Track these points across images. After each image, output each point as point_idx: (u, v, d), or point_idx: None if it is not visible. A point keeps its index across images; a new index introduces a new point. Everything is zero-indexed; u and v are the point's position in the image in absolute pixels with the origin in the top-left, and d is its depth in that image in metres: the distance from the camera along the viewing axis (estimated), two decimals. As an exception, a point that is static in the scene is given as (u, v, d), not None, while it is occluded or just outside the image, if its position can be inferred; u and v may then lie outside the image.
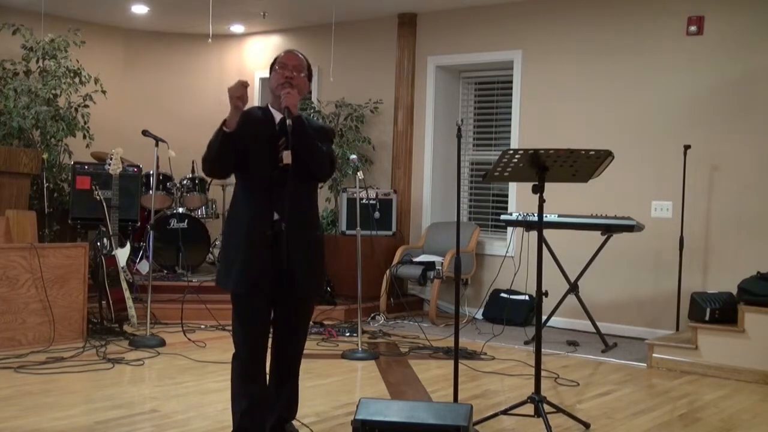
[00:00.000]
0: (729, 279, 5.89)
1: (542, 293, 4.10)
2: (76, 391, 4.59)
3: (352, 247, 6.53)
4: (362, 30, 8.41)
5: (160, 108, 9.25)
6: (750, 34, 6.24)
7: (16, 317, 5.49)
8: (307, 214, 3.44)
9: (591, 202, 6.48)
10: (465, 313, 7.27)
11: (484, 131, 8.01)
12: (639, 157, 6.64)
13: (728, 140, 6.31)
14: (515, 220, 6.33)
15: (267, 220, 3.32)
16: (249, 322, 3.38)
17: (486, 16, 7.58)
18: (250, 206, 3.36)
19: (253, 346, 3.38)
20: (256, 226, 3.32)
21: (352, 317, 6.74)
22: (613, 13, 6.87)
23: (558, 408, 4.09)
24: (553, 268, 6.07)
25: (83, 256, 5.86)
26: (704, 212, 6.39)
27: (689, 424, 4.29)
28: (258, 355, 3.40)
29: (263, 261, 3.30)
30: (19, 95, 7.34)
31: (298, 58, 3.48)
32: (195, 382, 4.86)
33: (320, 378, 5.03)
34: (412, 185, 8.10)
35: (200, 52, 9.35)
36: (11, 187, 6.45)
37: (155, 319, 6.31)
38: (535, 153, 3.88)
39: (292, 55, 3.50)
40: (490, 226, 7.89)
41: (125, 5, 8.19)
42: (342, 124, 8.20)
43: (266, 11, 8.23)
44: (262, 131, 3.38)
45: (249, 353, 3.39)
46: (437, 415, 3.27)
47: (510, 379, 5.19)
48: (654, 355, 5.64)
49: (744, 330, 5.36)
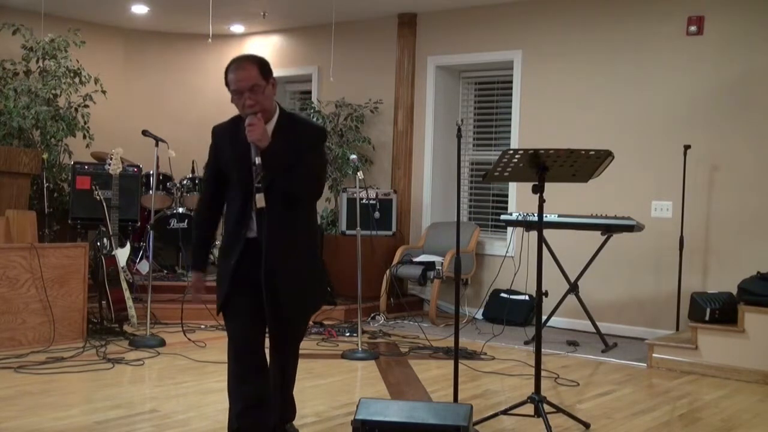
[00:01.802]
0: (729, 279, 5.89)
1: (542, 293, 4.10)
2: (76, 391, 4.60)
3: (352, 247, 6.53)
4: (362, 30, 8.41)
5: (160, 108, 9.25)
6: (750, 34, 6.24)
7: (16, 317, 5.49)
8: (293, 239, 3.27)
9: (591, 202, 6.48)
10: (465, 313, 7.27)
11: (484, 131, 8.01)
12: (639, 157, 6.64)
13: (728, 140, 6.31)
14: (515, 220, 6.33)
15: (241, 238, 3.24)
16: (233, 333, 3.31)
17: (486, 16, 7.58)
18: (230, 220, 3.32)
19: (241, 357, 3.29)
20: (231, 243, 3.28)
21: (352, 317, 6.74)
22: (613, 13, 6.87)
23: (558, 408, 4.09)
24: (553, 268, 6.07)
25: (83, 256, 5.86)
26: (704, 212, 6.39)
27: (689, 424, 4.29)
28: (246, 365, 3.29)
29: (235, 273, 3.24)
30: (19, 95, 7.34)
31: (248, 75, 3.15)
32: (195, 382, 4.86)
33: (320, 378, 5.03)
34: (412, 185, 8.10)
35: (200, 52, 9.34)
36: (11, 187, 6.44)
37: (155, 319, 6.31)
38: (535, 153, 3.88)
39: (240, 73, 3.16)
40: (490, 226, 7.89)
41: (125, 5, 8.19)
42: (342, 124, 8.20)
43: (266, 11, 8.23)
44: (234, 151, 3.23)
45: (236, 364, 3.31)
46: (437, 415, 3.27)
47: (510, 379, 5.19)
48: (654, 355, 5.64)
49: (744, 330, 5.36)
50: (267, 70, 3.22)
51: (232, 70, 3.20)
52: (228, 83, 3.20)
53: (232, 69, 3.20)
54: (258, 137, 3.12)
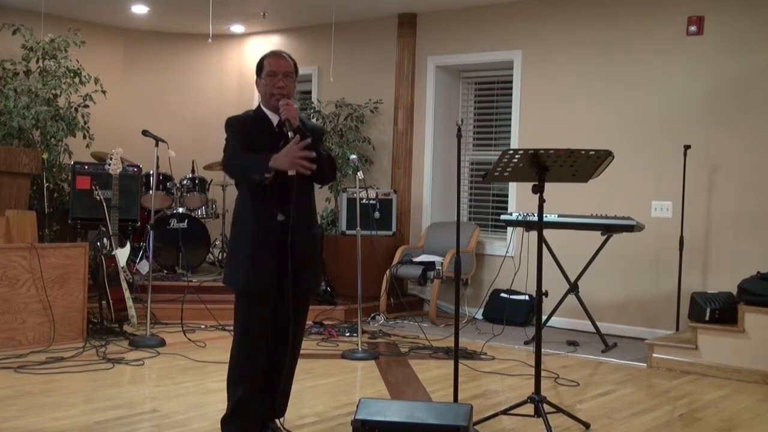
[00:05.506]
0: (729, 279, 5.89)
1: (542, 293, 4.10)
2: (76, 391, 4.59)
3: (352, 247, 6.53)
4: (362, 30, 8.41)
5: (160, 108, 9.25)
6: (750, 34, 6.24)
7: (16, 317, 5.49)
8: (309, 215, 3.56)
9: (591, 202, 6.48)
10: (465, 313, 7.27)
11: (484, 131, 8.01)
12: (639, 157, 6.64)
13: (728, 140, 6.31)
14: (515, 220, 6.33)
15: (272, 221, 3.42)
16: (252, 321, 3.46)
17: (486, 16, 7.58)
18: (255, 208, 3.44)
19: (252, 344, 3.47)
20: (262, 228, 3.42)
21: (352, 317, 6.74)
22: (614, 13, 6.87)
23: (558, 408, 4.09)
24: (553, 268, 6.07)
25: (83, 256, 5.86)
26: (704, 212, 6.39)
27: (689, 424, 4.29)
28: (255, 352, 3.48)
29: (269, 261, 3.41)
30: (19, 95, 7.34)
31: (286, 63, 3.49)
32: (195, 382, 4.86)
33: (320, 378, 5.03)
34: (412, 185, 8.10)
35: (200, 52, 9.35)
36: (11, 187, 6.45)
37: (155, 319, 6.31)
38: (535, 153, 3.88)
39: (280, 60, 3.49)
40: (490, 226, 7.89)
41: (125, 5, 8.19)
42: (342, 124, 8.20)
43: (266, 11, 8.23)
44: (262, 136, 3.45)
45: (247, 350, 3.47)
46: (437, 415, 3.27)
47: (510, 379, 5.19)
48: (654, 355, 5.65)
49: (744, 330, 5.36)
50: (297, 71, 3.56)
51: (271, 56, 3.51)
52: (263, 66, 3.48)
53: (272, 55, 3.51)
54: (294, 115, 3.37)
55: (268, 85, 3.45)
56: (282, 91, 3.42)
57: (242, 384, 3.46)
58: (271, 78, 3.44)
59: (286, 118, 3.35)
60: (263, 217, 3.42)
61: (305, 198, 3.50)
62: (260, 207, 3.43)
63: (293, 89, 3.50)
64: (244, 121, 3.52)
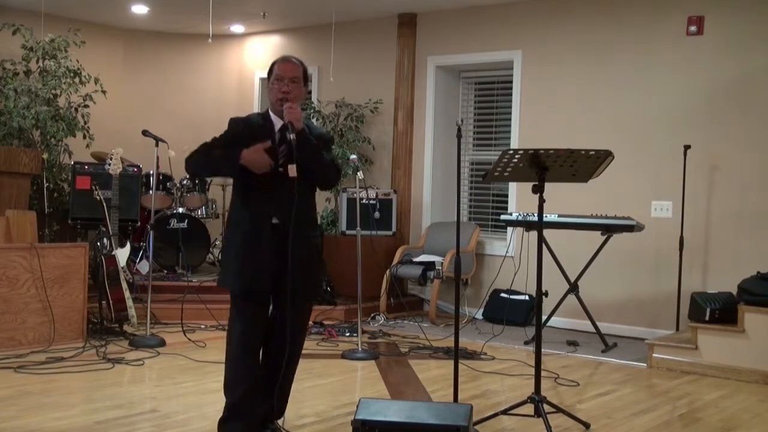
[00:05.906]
0: (729, 279, 5.89)
1: (542, 293, 4.10)
2: (76, 391, 4.60)
3: (352, 247, 6.53)
4: (362, 30, 8.41)
5: (160, 108, 9.25)
6: (750, 35, 6.24)
7: (16, 317, 5.49)
8: (307, 217, 3.55)
9: (591, 202, 6.48)
10: (465, 313, 7.27)
11: (484, 131, 8.01)
12: (639, 157, 6.64)
13: (728, 140, 6.31)
14: (515, 220, 6.33)
15: (266, 223, 3.42)
16: (244, 322, 3.47)
17: (486, 16, 7.58)
18: (249, 210, 3.46)
19: (246, 346, 3.48)
20: (255, 230, 3.43)
21: (352, 317, 6.74)
22: (613, 13, 6.87)
23: (558, 408, 4.09)
24: (553, 268, 6.07)
25: (83, 256, 5.86)
26: (704, 212, 6.39)
27: (689, 424, 4.29)
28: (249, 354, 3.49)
29: (261, 263, 3.41)
30: (19, 95, 7.34)
31: (294, 67, 3.52)
32: (195, 382, 4.86)
33: (320, 378, 5.03)
34: (412, 185, 8.10)
35: (200, 52, 9.35)
36: (11, 187, 6.44)
37: (155, 319, 6.31)
38: (535, 153, 3.88)
39: (288, 64, 3.52)
40: (490, 226, 7.89)
41: (125, 5, 8.19)
42: (342, 124, 8.20)
43: (266, 11, 8.23)
44: (262, 138, 3.46)
45: (241, 352, 3.48)
46: (437, 415, 3.27)
47: (510, 379, 5.19)
48: (654, 355, 5.65)
49: (744, 330, 5.36)
50: (306, 77, 3.59)
51: (281, 61, 3.56)
52: (272, 71, 3.53)
53: (282, 60, 3.56)
54: (297, 117, 3.42)
55: (275, 89, 3.49)
56: (287, 96, 3.46)
57: (237, 386, 3.47)
58: (278, 82, 3.48)
59: (288, 120, 3.39)
60: (257, 219, 3.43)
61: (303, 200, 3.47)
62: (255, 208, 3.44)
63: (299, 94, 3.52)
64: (246, 121, 3.55)
